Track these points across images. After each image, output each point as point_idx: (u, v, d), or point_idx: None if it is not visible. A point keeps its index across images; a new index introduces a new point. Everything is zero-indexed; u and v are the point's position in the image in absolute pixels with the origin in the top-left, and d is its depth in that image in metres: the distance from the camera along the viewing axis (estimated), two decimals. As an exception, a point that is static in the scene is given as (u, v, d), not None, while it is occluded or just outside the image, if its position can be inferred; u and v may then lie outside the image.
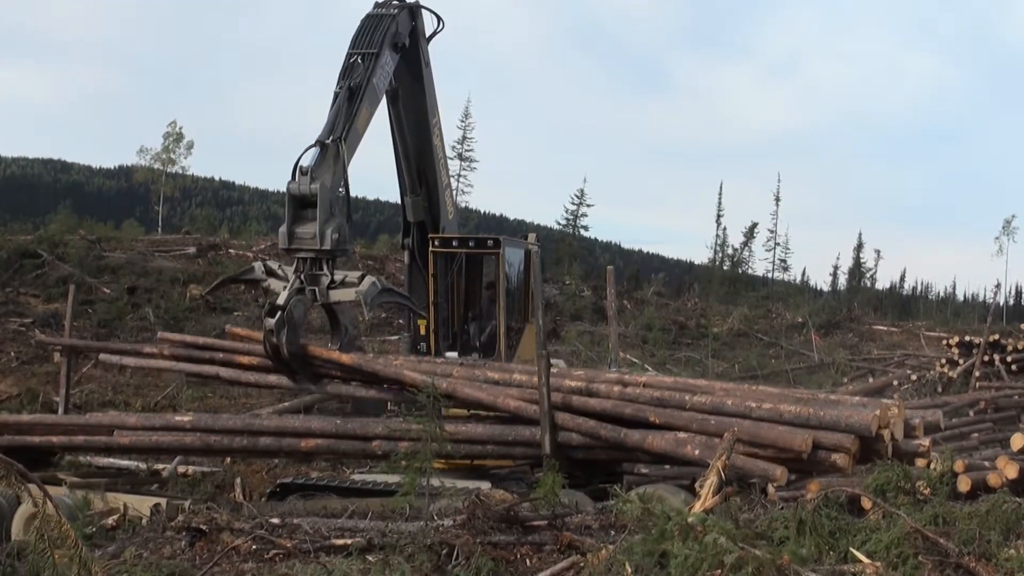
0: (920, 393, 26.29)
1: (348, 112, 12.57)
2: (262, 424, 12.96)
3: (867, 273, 70.43)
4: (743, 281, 62.08)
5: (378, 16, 13.58)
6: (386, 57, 13.30)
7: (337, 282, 12.28)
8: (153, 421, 13.49)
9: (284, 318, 11.80)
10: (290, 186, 12.14)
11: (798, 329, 40.05)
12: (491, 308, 14.90)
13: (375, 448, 12.47)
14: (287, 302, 11.91)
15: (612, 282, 18.08)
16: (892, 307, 61.16)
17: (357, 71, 12.93)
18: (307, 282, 12.21)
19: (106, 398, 22.67)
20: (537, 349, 12.17)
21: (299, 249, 12.25)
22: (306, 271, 12.23)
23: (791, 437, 10.12)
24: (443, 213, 15.10)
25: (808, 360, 34.36)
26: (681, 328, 38.26)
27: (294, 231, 12.22)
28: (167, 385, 23.03)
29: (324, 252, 12.14)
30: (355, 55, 13.14)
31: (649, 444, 10.99)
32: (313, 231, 12.07)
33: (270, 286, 12.75)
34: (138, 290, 31.09)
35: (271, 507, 12.03)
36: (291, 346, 11.98)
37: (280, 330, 11.83)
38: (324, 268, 12.25)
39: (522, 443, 11.92)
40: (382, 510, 9.85)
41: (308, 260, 12.22)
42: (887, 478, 8.99)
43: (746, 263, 66.10)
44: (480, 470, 13.18)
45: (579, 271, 47.79)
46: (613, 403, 11.50)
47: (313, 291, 12.19)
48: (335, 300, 12.42)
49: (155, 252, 36.15)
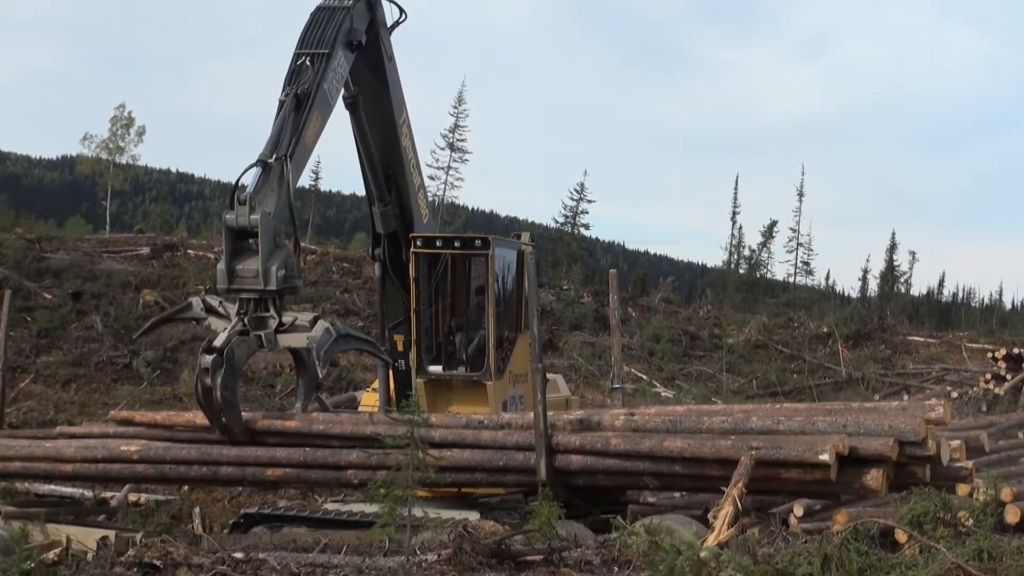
0: (962, 412, 26.32)
1: (295, 124, 12.20)
2: (221, 453, 12.93)
3: (901, 277, 70.50)
4: (761, 286, 62.17)
5: (330, 9, 13.00)
6: (339, 58, 12.95)
7: (287, 324, 12.03)
8: (95, 451, 13.43)
9: (222, 359, 11.63)
10: (227, 217, 11.76)
11: (823, 340, 40.11)
12: (479, 316, 14.86)
13: (350, 477, 12.43)
14: (227, 342, 11.73)
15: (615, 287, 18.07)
16: (930, 315, 61.32)
17: (306, 75, 12.58)
18: (252, 325, 11.98)
19: (47, 417, 22.59)
20: (532, 362, 12.15)
21: (240, 289, 11.95)
22: (250, 313, 11.99)
23: (823, 441, 10.11)
24: (416, 219, 14.98)
25: (834, 375, 34.42)
26: (692, 339, 38.30)
27: (234, 268, 11.81)
28: (117, 403, 22.95)
29: (269, 292, 11.79)
30: (303, 56, 12.76)
31: (668, 446, 10.93)
32: (255, 268, 11.70)
33: (210, 325, 12.43)
34: (84, 296, 31.01)
35: (234, 540, 12.01)
36: (226, 391, 11.77)
37: (216, 371, 11.63)
38: (271, 309, 11.97)
39: (515, 469, 11.91)
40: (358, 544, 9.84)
41: (252, 301, 11.97)
42: (924, 507, 8.99)
43: (765, 266, 66.09)
44: (468, 499, 13.15)
45: (579, 275, 47.85)
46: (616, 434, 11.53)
47: (259, 336, 11.94)
48: (284, 346, 12.24)
49: (103, 253, 36.06)
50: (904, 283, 70.56)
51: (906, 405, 11.38)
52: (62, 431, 14.72)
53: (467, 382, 14.48)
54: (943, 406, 10.88)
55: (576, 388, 29.24)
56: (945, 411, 10.74)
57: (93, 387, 25.57)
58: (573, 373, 30.55)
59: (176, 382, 25.27)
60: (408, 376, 14.56)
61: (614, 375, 17.23)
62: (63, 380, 25.78)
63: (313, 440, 12.66)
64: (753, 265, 65.06)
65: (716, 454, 10.65)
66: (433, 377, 14.50)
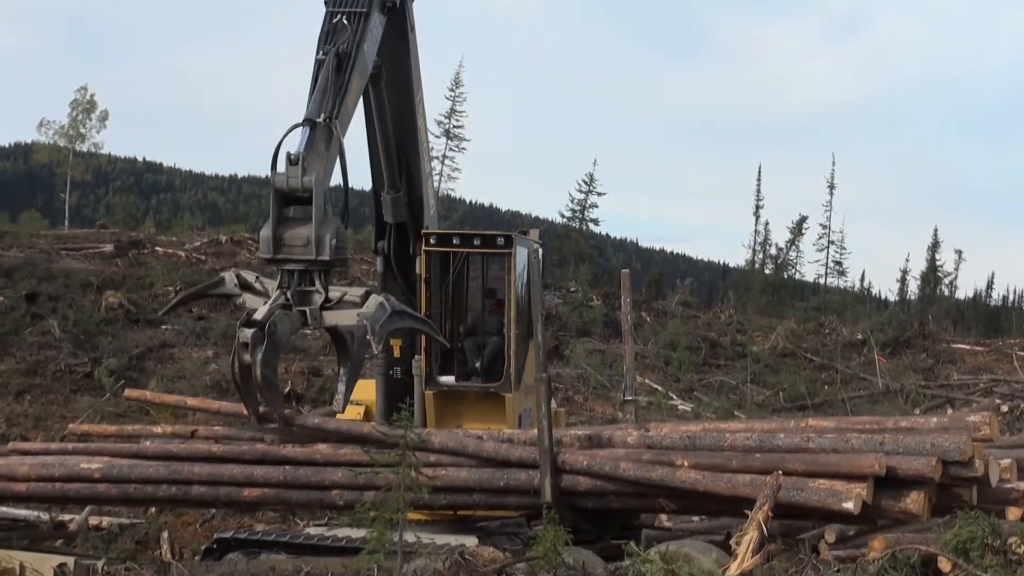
0: (1013, 428, 26.32)
1: (338, 85, 12.45)
2: (192, 471, 12.94)
3: (945, 279, 70.53)
4: (789, 288, 62.19)
5: None
6: (375, 19, 13.16)
7: (333, 300, 12.06)
8: (52, 469, 13.44)
9: (264, 333, 11.62)
10: (276, 178, 11.86)
11: (857, 348, 40.10)
12: (494, 322, 14.95)
13: (335, 498, 12.44)
14: (268, 316, 11.73)
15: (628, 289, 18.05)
16: (977, 321, 61.38)
17: (343, 34, 12.78)
18: (295, 300, 12.01)
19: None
20: (536, 371, 12.17)
21: (288, 259, 11.97)
22: (293, 287, 12.03)
23: (858, 460, 10.11)
24: (426, 207, 15.12)
25: (870, 386, 34.39)
26: (713, 346, 38.29)
27: (281, 235, 11.98)
28: (76, 416, 22.97)
29: (321, 263, 11.85)
30: (339, 14, 13.01)
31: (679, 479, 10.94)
32: (306, 236, 11.77)
33: (245, 302, 12.49)
34: (40, 297, 31.02)
35: (206, 567, 12.03)
36: (266, 369, 11.78)
37: (256, 346, 11.62)
38: (316, 283, 12.03)
39: (516, 490, 11.92)
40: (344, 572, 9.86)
41: (296, 273, 12.01)
42: (971, 533, 9.00)
43: (793, 266, 66.18)
44: (465, 522, 13.16)
45: (587, 275, 47.80)
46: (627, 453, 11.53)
47: (303, 312, 11.96)
48: (331, 324, 12.21)
49: (62, 250, 36.11)
50: (948, 285, 70.64)
51: (950, 420, 11.34)
52: (15, 447, 14.76)
53: (482, 394, 14.48)
54: (991, 421, 10.89)
55: (584, 400, 29.27)
56: (993, 427, 10.76)
57: (50, 398, 25.58)
58: (581, 384, 30.56)
59: (143, 393, 25.26)
60: (401, 385, 14.57)
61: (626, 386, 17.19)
62: (16, 391, 25.77)
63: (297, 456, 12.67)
64: (780, 265, 65.08)
65: (732, 491, 10.67)
66: (445, 388, 14.50)
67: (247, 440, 13.61)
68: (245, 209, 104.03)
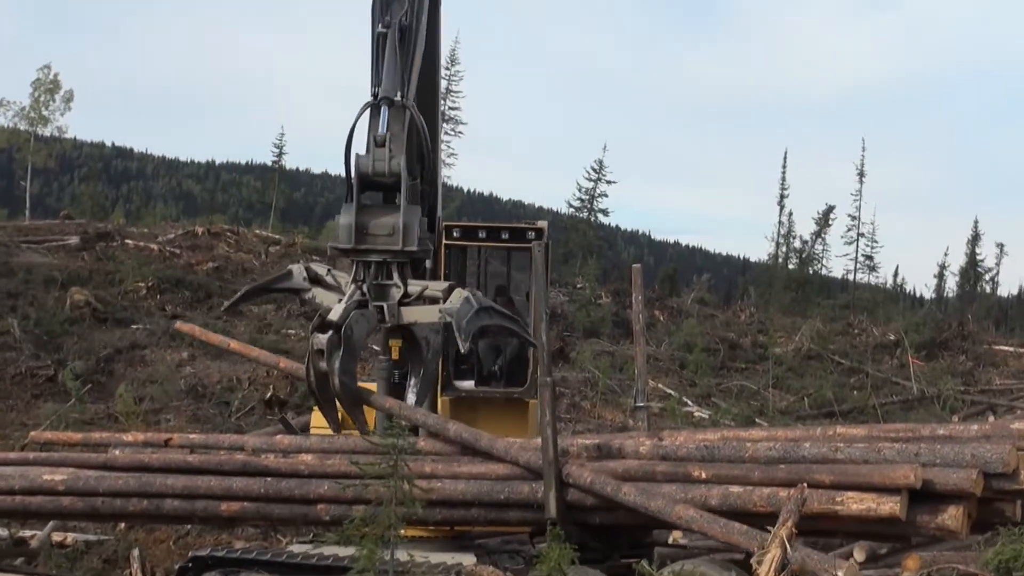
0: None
1: (405, 61, 12.47)
2: (165, 484, 12.95)
3: (986, 275, 70.61)
4: (815, 285, 62.16)
5: None
6: None
7: (412, 296, 12.00)
8: (11, 481, 13.43)
9: (341, 337, 11.56)
10: (360, 161, 11.88)
11: (890, 350, 40.14)
12: None
13: (321, 513, 12.44)
14: (345, 316, 11.66)
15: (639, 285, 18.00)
16: (1021, 320, 61.28)
17: (400, 5, 12.82)
18: (372, 295, 11.95)
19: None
20: (540, 375, 12.16)
21: (372, 249, 11.95)
22: (369, 280, 11.98)
23: (891, 472, 10.09)
24: (439, 197, 15.15)
25: (904, 391, 34.43)
26: (732, 348, 38.34)
27: (365, 223, 11.94)
28: (38, 423, 22.98)
29: (407, 253, 11.88)
30: None
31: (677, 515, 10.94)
32: (392, 225, 11.79)
33: (315, 298, 12.46)
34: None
35: (179, 589, 12.04)
36: (345, 376, 11.76)
37: (333, 353, 11.58)
38: (394, 276, 11.99)
39: (518, 504, 11.91)
40: (330, 593, 9.86)
41: (373, 265, 11.96)
42: (1014, 551, 9.01)
43: (819, 261, 66.21)
44: (462, 539, 13.16)
45: (595, 270, 47.86)
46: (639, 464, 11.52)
47: (380, 308, 11.90)
48: (410, 321, 12.14)
49: (22, 243, 36.14)
50: (990, 281, 70.70)
51: (992, 428, 11.31)
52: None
53: (504, 400, 14.47)
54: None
55: (592, 407, 29.28)
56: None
57: (9, 404, 25.58)
58: (588, 389, 30.57)
59: (111, 398, 25.27)
60: (401, 389, 14.59)
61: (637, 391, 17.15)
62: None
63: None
64: (805, 259, 65.09)
65: (727, 536, 10.63)
66: (463, 394, 14.48)
67: (225, 449, 13.62)
68: (223, 198, 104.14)
